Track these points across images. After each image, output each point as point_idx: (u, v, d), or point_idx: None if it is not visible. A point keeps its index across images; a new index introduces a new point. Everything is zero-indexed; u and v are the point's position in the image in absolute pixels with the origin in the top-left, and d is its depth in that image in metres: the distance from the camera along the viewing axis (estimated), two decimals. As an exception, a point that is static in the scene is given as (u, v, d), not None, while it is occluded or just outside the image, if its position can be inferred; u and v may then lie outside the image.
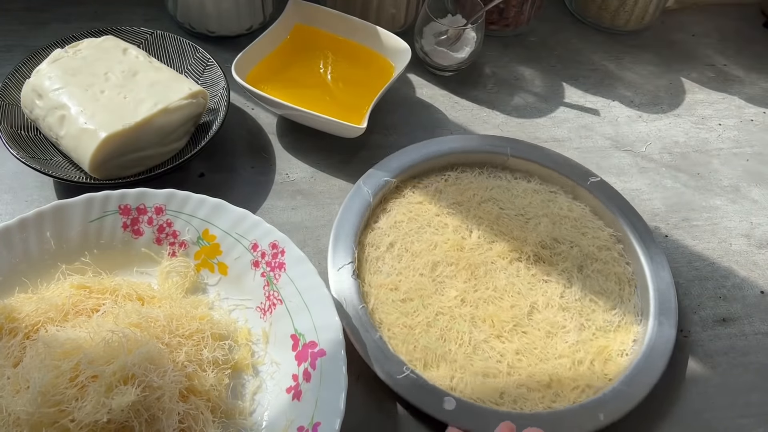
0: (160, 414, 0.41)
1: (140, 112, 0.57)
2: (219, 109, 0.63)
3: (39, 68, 0.59)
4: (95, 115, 0.56)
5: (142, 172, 0.59)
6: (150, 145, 0.58)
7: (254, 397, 0.48)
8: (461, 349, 0.53)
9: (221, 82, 0.65)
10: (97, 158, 0.55)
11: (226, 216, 0.53)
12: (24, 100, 0.59)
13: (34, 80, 0.59)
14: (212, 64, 0.66)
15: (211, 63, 0.67)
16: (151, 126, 0.57)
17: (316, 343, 0.47)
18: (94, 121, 0.56)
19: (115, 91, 0.58)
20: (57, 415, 0.40)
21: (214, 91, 0.65)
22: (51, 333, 0.44)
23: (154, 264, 0.54)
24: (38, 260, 0.51)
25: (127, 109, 0.57)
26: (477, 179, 0.65)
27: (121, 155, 0.57)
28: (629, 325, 0.56)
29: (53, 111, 0.57)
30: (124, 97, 0.58)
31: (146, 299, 0.50)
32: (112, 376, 0.40)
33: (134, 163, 0.58)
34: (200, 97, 0.61)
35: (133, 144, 0.57)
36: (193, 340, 0.48)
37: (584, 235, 0.61)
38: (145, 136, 0.57)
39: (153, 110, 0.57)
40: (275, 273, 0.51)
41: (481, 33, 0.73)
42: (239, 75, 0.63)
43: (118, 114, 0.56)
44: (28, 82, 0.59)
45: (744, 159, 0.74)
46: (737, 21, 0.91)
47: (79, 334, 0.43)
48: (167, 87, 0.60)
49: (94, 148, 0.54)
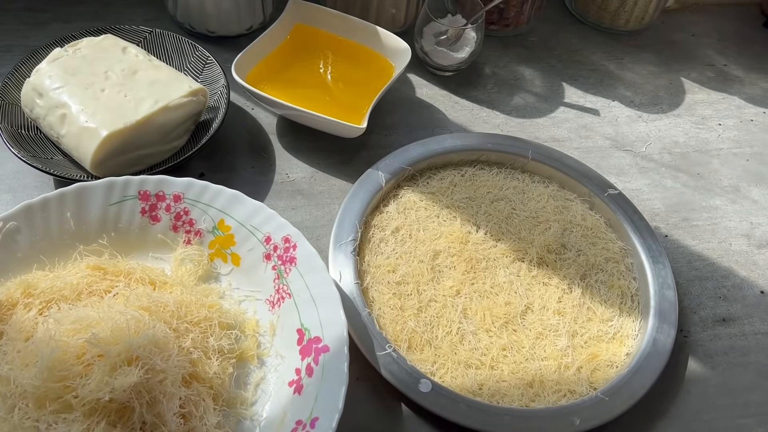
0: (162, 397, 0.42)
1: (141, 110, 0.57)
2: (219, 107, 0.63)
3: (39, 67, 0.59)
4: (96, 114, 0.56)
5: (142, 170, 0.59)
6: (151, 143, 0.58)
7: (257, 388, 0.49)
8: (448, 337, 0.53)
9: (221, 79, 0.65)
10: (98, 156, 0.55)
11: (241, 207, 0.54)
12: (24, 100, 0.59)
13: (34, 79, 0.59)
14: (211, 62, 0.66)
15: (210, 61, 0.67)
16: (152, 124, 0.57)
17: (321, 339, 0.48)
18: (95, 120, 0.56)
19: (115, 90, 0.58)
20: (62, 391, 0.40)
21: (213, 88, 0.65)
22: (63, 310, 0.45)
23: (169, 250, 0.55)
24: (57, 239, 0.52)
25: (127, 108, 0.57)
26: (494, 178, 0.65)
27: (122, 153, 0.57)
28: (624, 338, 0.55)
29: (54, 110, 0.57)
30: (124, 95, 0.58)
31: (158, 284, 0.51)
32: (117, 356, 0.41)
33: (135, 161, 0.58)
34: (200, 94, 0.61)
35: (134, 142, 0.57)
36: (200, 327, 0.48)
37: (594, 245, 0.61)
38: (145, 135, 0.57)
39: (153, 108, 0.57)
40: (286, 267, 0.52)
41: (481, 33, 0.73)
42: (239, 75, 0.63)
43: (118, 112, 0.57)
44: (29, 81, 0.59)
45: (744, 159, 0.74)
46: (737, 21, 0.91)
47: (89, 313, 0.44)
48: (167, 85, 0.60)
49: (96, 146, 0.55)
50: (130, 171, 0.58)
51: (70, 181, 0.56)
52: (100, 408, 0.40)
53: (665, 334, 0.54)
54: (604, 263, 0.59)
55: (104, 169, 0.57)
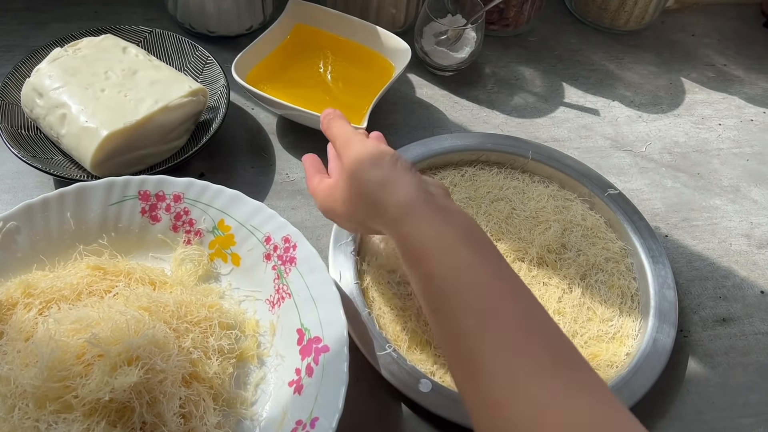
0: (161, 397, 0.42)
1: (141, 110, 0.57)
2: (219, 106, 0.63)
3: (39, 67, 0.59)
4: (96, 114, 0.56)
5: (142, 170, 0.59)
6: (151, 143, 0.58)
7: (257, 388, 0.49)
8: None
9: (221, 79, 0.65)
10: (98, 156, 0.55)
11: (242, 207, 0.54)
12: (24, 100, 0.59)
13: (34, 79, 0.59)
14: (211, 62, 0.66)
15: (210, 61, 0.67)
16: (152, 124, 0.57)
17: (321, 339, 0.48)
18: (95, 120, 0.56)
19: (115, 90, 0.58)
20: (62, 391, 0.40)
21: (213, 88, 0.65)
22: (63, 310, 0.45)
23: (169, 250, 0.55)
24: (57, 239, 0.52)
25: (127, 108, 0.57)
26: (494, 178, 0.65)
27: (122, 153, 0.57)
28: (624, 338, 0.55)
29: (54, 110, 0.57)
30: (124, 95, 0.58)
31: (158, 284, 0.51)
32: (117, 356, 0.41)
33: (135, 161, 0.58)
34: (200, 94, 0.61)
35: (134, 142, 0.57)
36: (200, 327, 0.48)
37: (594, 245, 0.60)
38: (145, 135, 0.57)
39: (153, 108, 0.57)
40: (286, 267, 0.52)
41: (481, 33, 0.73)
42: (239, 75, 0.63)
43: (119, 112, 0.56)
44: (28, 81, 0.59)
45: (744, 159, 0.74)
46: (737, 21, 0.91)
47: (89, 313, 0.44)
48: (167, 85, 0.60)
49: (96, 146, 0.55)
50: (130, 171, 0.58)
51: (70, 181, 0.56)
52: (100, 408, 0.40)
53: (665, 334, 0.54)
54: (604, 263, 0.59)
55: (104, 169, 0.57)
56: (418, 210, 0.41)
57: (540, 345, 0.35)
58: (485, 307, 0.36)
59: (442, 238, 0.39)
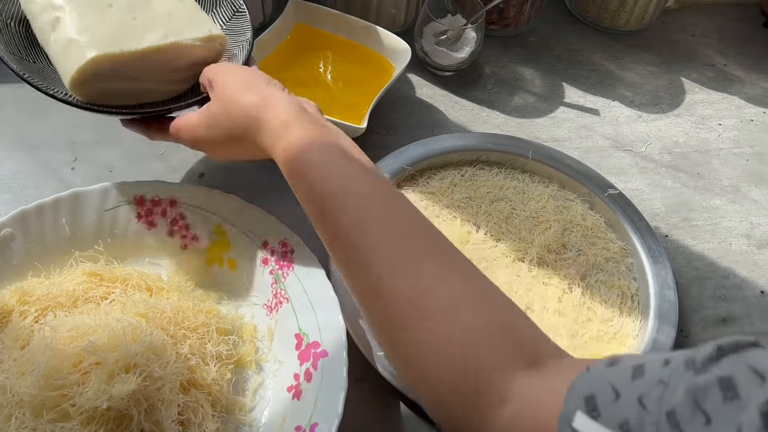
0: (160, 404, 0.42)
1: (145, 39, 0.49)
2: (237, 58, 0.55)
3: None
4: (92, 28, 0.48)
5: (131, 105, 0.51)
6: (147, 78, 0.50)
7: (255, 394, 0.48)
8: None
9: (246, 33, 0.57)
10: (80, 77, 0.47)
11: (238, 212, 0.54)
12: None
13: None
14: (243, 12, 0.58)
15: (242, 11, 0.58)
16: (154, 59, 0.49)
17: (319, 344, 0.47)
18: (87, 34, 0.47)
19: (125, 7, 0.50)
20: (59, 399, 0.40)
21: (237, 41, 0.57)
22: (59, 318, 0.45)
23: (166, 256, 0.54)
24: (53, 246, 0.51)
25: (132, 32, 0.49)
26: (494, 178, 0.64)
27: (110, 80, 0.49)
28: (624, 338, 0.55)
29: (48, 10, 0.49)
30: (133, 18, 0.50)
31: (155, 290, 0.51)
32: (115, 363, 0.41)
33: (125, 93, 0.50)
34: (218, 42, 0.53)
35: (126, 72, 0.49)
36: (198, 333, 0.48)
37: (594, 245, 0.60)
38: (144, 68, 0.50)
39: (160, 42, 0.49)
40: (283, 271, 0.52)
41: (481, 33, 0.72)
42: (238, 75, 0.63)
43: (119, 35, 0.48)
44: None
45: (744, 159, 0.73)
46: (737, 21, 0.91)
47: (86, 320, 0.44)
48: (186, 21, 0.51)
49: (80, 65, 0.46)
50: (116, 102, 0.50)
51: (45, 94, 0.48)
52: (97, 416, 0.40)
53: (665, 334, 0.54)
54: (604, 263, 0.59)
55: (86, 91, 0.49)
56: (298, 124, 0.44)
57: (415, 235, 0.40)
58: (367, 204, 0.40)
59: (324, 148, 0.43)
